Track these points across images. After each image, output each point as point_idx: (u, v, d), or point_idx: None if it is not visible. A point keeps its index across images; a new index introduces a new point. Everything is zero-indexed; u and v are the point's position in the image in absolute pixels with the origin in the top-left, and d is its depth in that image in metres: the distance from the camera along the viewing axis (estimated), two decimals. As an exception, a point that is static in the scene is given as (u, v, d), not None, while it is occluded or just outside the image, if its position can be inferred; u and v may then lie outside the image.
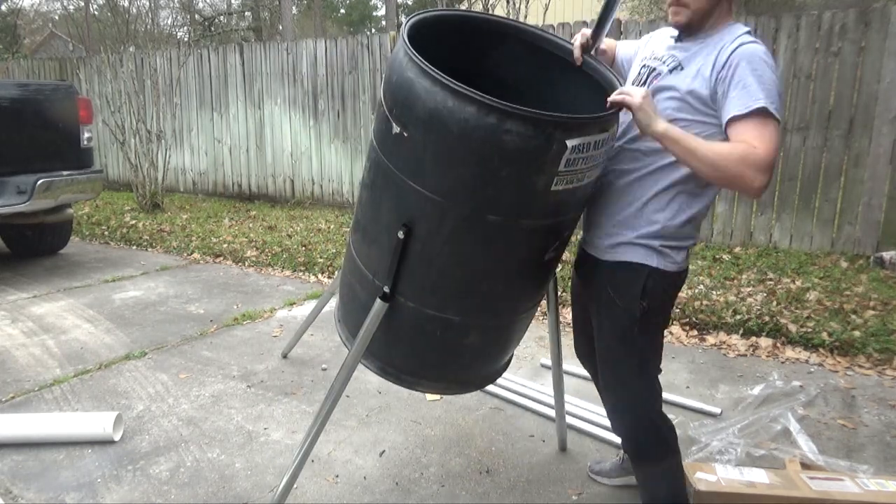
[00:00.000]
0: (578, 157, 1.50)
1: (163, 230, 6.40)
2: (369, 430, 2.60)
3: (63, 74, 9.49)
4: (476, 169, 1.52)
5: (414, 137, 1.55)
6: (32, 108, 4.90)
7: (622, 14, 12.73)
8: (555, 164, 1.49)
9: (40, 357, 3.38)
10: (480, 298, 1.80)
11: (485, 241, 1.65)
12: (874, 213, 4.87)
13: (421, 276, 1.76)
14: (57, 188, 4.85)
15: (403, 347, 1.96)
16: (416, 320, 1.84)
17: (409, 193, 1.63)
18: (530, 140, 1.44)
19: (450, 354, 1.94)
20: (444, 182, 1.57)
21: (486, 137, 1.45)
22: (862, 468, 2.25)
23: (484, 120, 1.43)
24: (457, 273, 1.74)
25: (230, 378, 3.10)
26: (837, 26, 4.82)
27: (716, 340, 3.50)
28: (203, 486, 2.22)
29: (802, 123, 5.03)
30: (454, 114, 1.45)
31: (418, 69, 1.50)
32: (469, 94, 1.43)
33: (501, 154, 1.47)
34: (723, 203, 5.43)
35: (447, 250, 1.69)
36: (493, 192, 1.54)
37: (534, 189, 1.54)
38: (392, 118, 1.59)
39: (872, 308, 3.66)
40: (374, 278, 1.84)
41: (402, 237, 1.67)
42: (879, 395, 2.87)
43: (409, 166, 1.61)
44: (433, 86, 1.47)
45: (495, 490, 2.20)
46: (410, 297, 1.79)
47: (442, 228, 1.65)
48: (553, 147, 1.46)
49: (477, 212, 1.59)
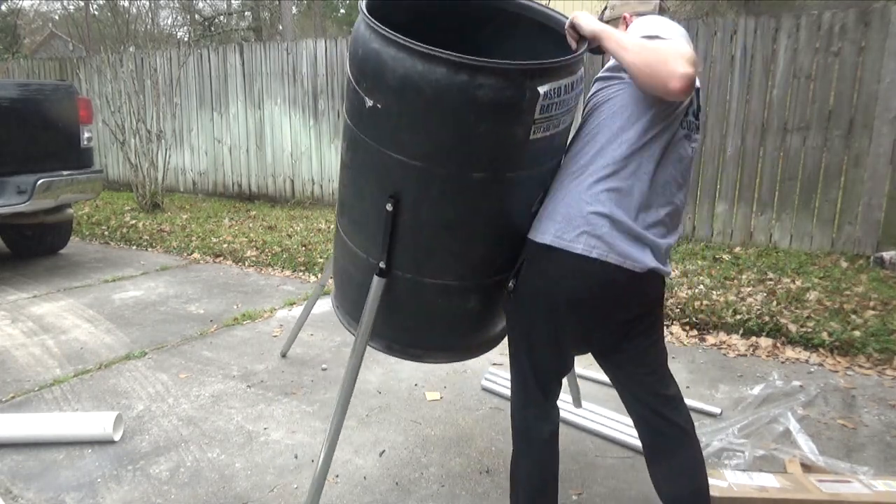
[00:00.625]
0: (552, 102, 1.51)
1: (163, 230, 6.40)
2: (369, 430, 2.60)
3: (63, 74, 9.49)
4: (454, 128, 1.52)
5: (388, 107, 1.55)
6: (32, 108, 4.90)
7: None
8: (530, 112, 1.49)
9: (40, 357, 3.38)
10: (476, 259, 1.79)
11: (473, 200, 1.65)
12: (874, 213, 4.87)
13: (414, 246, 1.76)
14: (57, 188, 4.85)
15: (406, 321, 1.96)
16: (415, 291, 1.83)
17: (391, 165, 1.63)
18: (503, 91, 1.45)
19: (453, 321, 1.94)
20: (424, 147, 1.57)
21: (459, 95, 1.45)
22: (862, 469, 2.25)
23: (455, 78, 1.43)
24: (449, 236, 1.73)
25: (230, 378, 3.10)
26: (837, 26, 4.82)
27: (716, 340, 3.50)
28: (203, 486, 2.22)
29: (802, 123, 5.03)
30: (425, 77, 1.45)
31: (383, 38, 1.49)
32: (437, 55, 1.43)
33: (477, 110, 1.47)
34: (723, 203, 5.44)
35: (437, 215, 1.69)
36: (474, 150, 1.55)
37: (514, 140, 1.54)
38: (363, 92, 1.58)
39: (872, 308, 3.66)
40: (367, 257, 1.84)
41: (390, 209, 1.67)
42: (879, 395, 2.87)
43: (388, 137, 1.60)
44: (399, 52, 1.47)
45: (495, 490, 2.20)
46: (407, 268, 1.79)
47: (429, 194, 1.65)
48: (526, 96, 1.47)
49: (461, 171, 1.59)
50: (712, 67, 5.32)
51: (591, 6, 11.45)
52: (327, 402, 2.84)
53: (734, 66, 5.24)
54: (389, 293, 1.83)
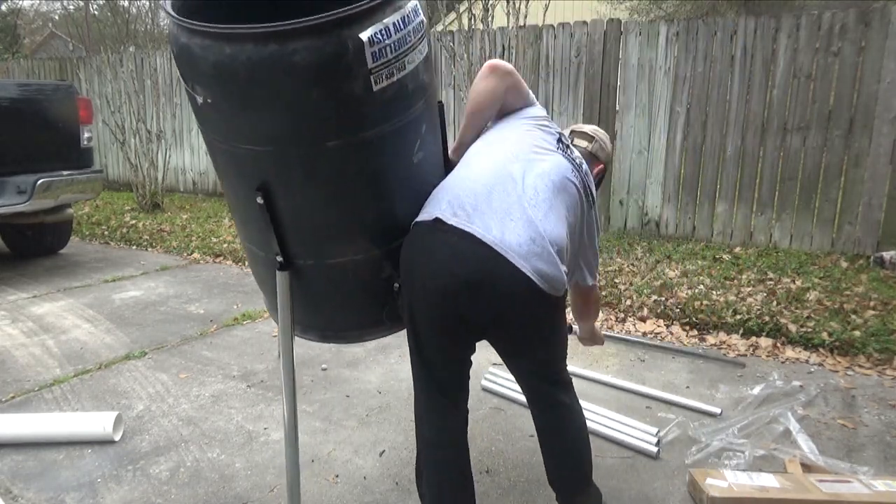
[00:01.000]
0: (384, 45, 1.40)
1: (163, 230, 6.40)
2: (369, 430, 2.60)
3: (63, 74, 9.49)
4: (286, 104, 1.41)
5: (216, 100, 1.45)
6: (33, 108, 4.90)
7: (622, 14, 12.72)
8: (361, 63, 1.38)
9: (40, 357, 3.38)
10: (372, 227, 1.69)
11: (341, 171, 1.55)
12: (874, 213, 4.87)
13: (303, 232, 1.67)
14: (57, 188, 4.85)
15: (328, 306, 1.87)
16: (324, 276, 1.75)
17: (244, 157, 1.54)
18: (321, 50, 1.34)
19: (375, 293, 1.83)
20: (266, 131, 1.47)
21: (276, 68, 1.34)
22: (862, 469, 2.25)
23: (266, 51, 1.33)
24: (333, 213, 1.63)
25: (230, 378, 3.10)
26: (837, 26, 4.82)
27: (716, 340, 3.50)
28: (203, 486, 2.22)
29: (802, 123, 5.03)
30: (236, 58, 1.35)
31: (187, 31, 1.40)
32: (239, 32, 1.32)
33: (301, 78, 1.36)
34: (723, 203, 5.44)
35: (311, 195, 1.59)
36: (316, 120, 1.44)
37: (355, 97, 1.42)
38: (191, 90, 1.49)
39: (872, 308, 3.66)
40: (265, 254, 1.76)
41: (261, 202, 1.57)
42: (879, 395, 2.87)
43: (229, 130, 1.51)
44: (205, 39, 1.37)
45: (495, 490, 2.20)
46: (306, 255, 1.71)
47: (293, 176, 1.54)
48: (349, 46, 1.35)
49: (314, 145, 1.48)
50: (712, 67, 5.33)
51: (592, 6, 11.48)
52: (327, 402, 2.84)
53: (734, 66, 5.24)
54: (300, 283, 1.74)
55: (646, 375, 3.08)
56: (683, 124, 5.51)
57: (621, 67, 5.73)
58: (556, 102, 6.04)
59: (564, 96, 5.99)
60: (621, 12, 12.82)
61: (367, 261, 1.73)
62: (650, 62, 5.57)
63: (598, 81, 5.81)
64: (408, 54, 1.47)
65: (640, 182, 5.77)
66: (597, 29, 5.76)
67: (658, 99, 5.57)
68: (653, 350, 3.42)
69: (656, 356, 3.33)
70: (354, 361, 3.28)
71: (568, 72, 5.94)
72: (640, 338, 3.57)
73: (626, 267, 4.63)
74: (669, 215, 5.68)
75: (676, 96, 5.49)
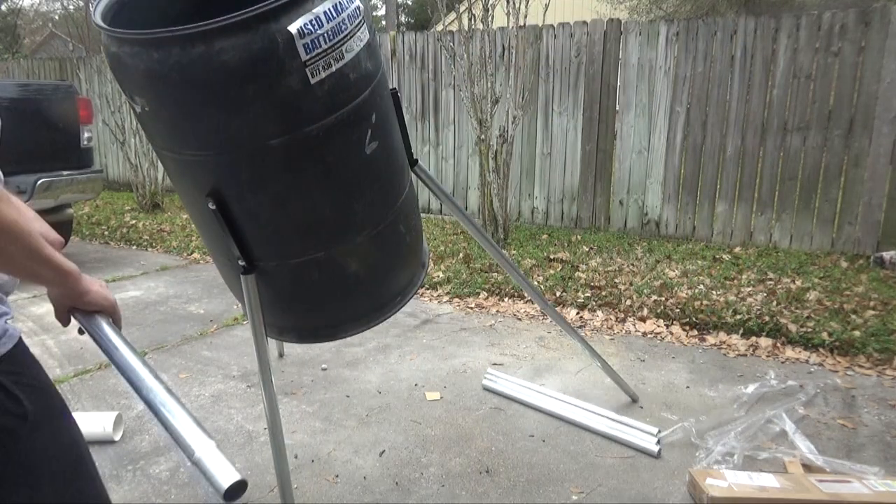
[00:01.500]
0: (317, 35, 1.35)
1: (163, 230, 6.40)
2: (369, 430, 2.60)
3: (63, 74, 9.49)
4: (223, 105, 1.37)
5: (155, 107, 1.42)
6: (33, 107, 4.90)
7: (622, 14, 12.72)
8: (293, 56, 1.33)
9: (40, 357, 3.36)
10: (331, 223, 1.66)
11: (289, 168, 1.50)
12: (874, 213, 4.87)
13: (260, 234, 1.64)
14: (57, 188, 4.85)
15: (299, 306, 1.85)
16: (290, 276, 1.73)
17: (191, 164, 1.51)
18: (249, 46, 1.30)
19: (345, 289, 1.81)
20: (206, 135, 1.43)
21: (207, 69, 1.31)
22: (872, 470, 2.23)
23: (194, 53, 1.29)
24: (288, 213, 1.60)
25: (230, 378, 3.10)
26: (837, 26, 4.82)
27: (716, 340, 3.50)
28: (203, 487, 2.22)
29: (802, 123, 5.03)
30: (164, 63, 1.31)
31: (116, 40, 1.36)
32: (164, 36, 1.28)
33: (233, 77, 1.32)
34: (723, 203, 5.44)
35: (262, 197, 1.55)
36: (256, 119, 1.40)
37: (292, 92, 1.38)
38: (131, 100, 1.46)
39: (872, 308, 3.66)
40: (228, 260, 1.74)
41: (213, 207, 1.54)
42: (879, 395, 2.87)
43: (171, 137, 1.48)
44: (133, 47, 1.33)
45: (495, 490, 2.20)
46: (268, 257, 1.68)
47: (241, 179, 1.51)
48: (278, 41, 1.31)
49: (257, 145, 1.44)
50: (712, 67, 5.33)
51: (592, 6, 11.48)
52: (327, 402, 2.84)
53: (734, 66, 5.25)
54: (267, 285, 1.72)
55: (645, 375, 3.08)
56: (683, 124, 5.51)
57: (621, 67, 5.73)
58: (556, 102, 6.04)
59: (564, 96, 6.00)
60: (621, 12, 12.81)
61: (328, 258, 1.71)
62: (650, 62, 5.57)
63: (598, 81, 5.82)
64: (345, 42, 1.42)
65: (640, 182, 5.77)
66: (597, 29, 5.76)
67: (658, 99, 5.58)
68: (652, 350, 3.42)
69: (656, 356, 3.33)
70: (354, 361, 3.28)
71: (568, 72, 5.94)
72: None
73: (626, 267, 4.63)
74: (669, 215, 5.69)
75: (676, 96, 5.49)
